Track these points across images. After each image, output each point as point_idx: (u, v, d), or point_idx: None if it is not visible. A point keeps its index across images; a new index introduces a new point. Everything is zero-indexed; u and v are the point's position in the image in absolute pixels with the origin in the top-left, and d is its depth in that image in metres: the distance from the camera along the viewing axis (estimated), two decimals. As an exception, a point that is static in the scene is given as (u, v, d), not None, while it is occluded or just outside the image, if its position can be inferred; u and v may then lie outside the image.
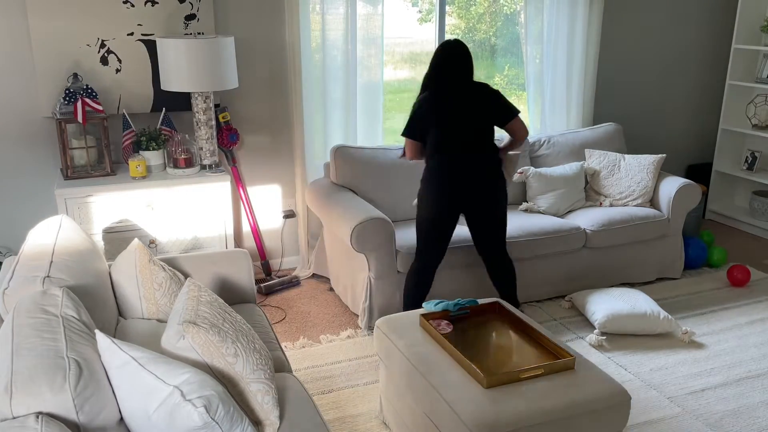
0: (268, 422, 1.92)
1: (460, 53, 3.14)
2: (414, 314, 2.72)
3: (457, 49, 3.15)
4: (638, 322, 3.45)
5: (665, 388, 3.06)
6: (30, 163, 3.67)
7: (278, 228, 4.33)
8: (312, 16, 3.95)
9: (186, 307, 1.99)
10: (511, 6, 4.67)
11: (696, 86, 5.38)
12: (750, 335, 3.55)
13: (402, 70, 4.81)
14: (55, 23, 3.50)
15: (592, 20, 4.60)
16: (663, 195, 4.10)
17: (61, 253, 2.22)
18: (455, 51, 3.15)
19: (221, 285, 2.80)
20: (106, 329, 2.21)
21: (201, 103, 3.60)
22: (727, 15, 5.28)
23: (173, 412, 1.62)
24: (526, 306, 3.86)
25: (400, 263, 3.48)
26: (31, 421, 1.49)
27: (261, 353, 1.99)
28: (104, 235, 3.44)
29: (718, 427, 2.80)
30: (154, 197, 3.48)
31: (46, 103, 3.58)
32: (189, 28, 3.76)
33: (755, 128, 5.11)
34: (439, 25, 4.40)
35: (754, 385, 3.10)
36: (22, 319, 1.80)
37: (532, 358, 2.41)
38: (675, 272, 4.21)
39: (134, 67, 3.70)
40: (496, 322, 2.69)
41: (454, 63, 3.14)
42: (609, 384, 2.28)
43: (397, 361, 2.51)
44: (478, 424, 2.07)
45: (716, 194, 5.40)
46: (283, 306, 3.89)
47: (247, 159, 4.12)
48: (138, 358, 1.69)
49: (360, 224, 3.35)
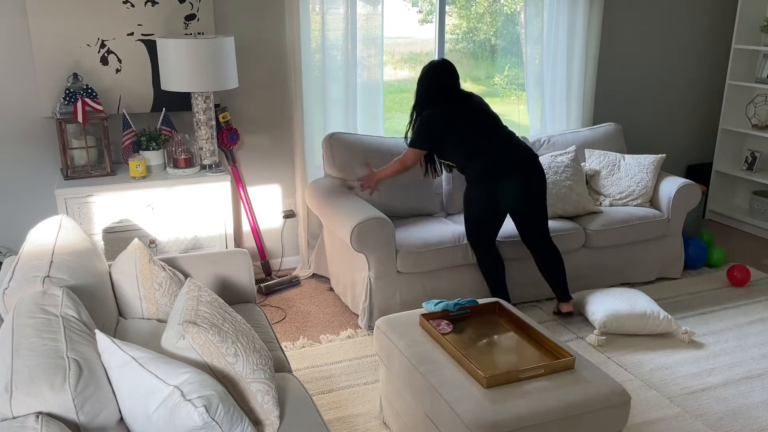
0: (268, 422, 1.92)
1: (452, 68, 3.39)
2: (414, 314, 2.72)
3: (448, 65, 3.38)
4: (638, 322, 3.45)
5: (665, 388, 3.06)
6: (30, 163, 3.67)
7: (278, 228, 4.33)
8: (312, 16, 3.95)
9: (186, 307, 1.99)
10: (511, 6, 4.67)
11: (696, 86, 5.38)
12: (750, 335, 3.55)
13: (402, 70, 4.81)
14: (55, 23, 3.50)
15: (592, 20, 4.60)
16: (663, 195, 4.10)
17: (61, 253, 2.22)
18: (448, 66, 3.38)
19: (221, 285, 2.80)
20: (106, 329, 2.21)
21: (201, 103, 3.60)
22: (727, 15, 5.28)
23: (173, 412, 1.62)
24: (526, 306, 3.87)
25: (400, 263, 3.48)
26: (31, 421, 1.49)
27: (261, 353, 1.99)
28: (104, 235, 3.44)
29: (718, 427, 2.80)
30: (154, 197, 3.48)
31: (46, 103, 3.58)
32: (189, 28, 3.76)
33: (755, 128, 5.11)
34: (439, 25, 4.40)
35: (754, 385, 3.10)
36: (22, 319, 1.80)
37: (532, 358, 2.41)
38: (675, 272, 4.21)
39: (134, 67, 3.70)
40: (496, 322, 2.69)
41: (454, 76, 3.38)
42: (609, 384, 2.28)
43: (397, 361, 2.51)
44: (478, 424, 2.07)
45: (716, 194, 5.40)
46: (283, 306, 3.89)
47: (247, 159, 4.12)
48: (138, 358, 1.69)
49: (360, 224, 3.35)
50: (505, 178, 3.33)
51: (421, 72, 3.42)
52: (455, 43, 4.71)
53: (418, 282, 3.56)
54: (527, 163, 3.37)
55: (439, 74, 3.37)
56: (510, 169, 3.33)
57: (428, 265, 3.53)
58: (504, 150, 3.34)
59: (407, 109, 3.49)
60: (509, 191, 3.35)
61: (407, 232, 3.67)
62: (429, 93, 3.39)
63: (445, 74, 3.37)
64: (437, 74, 3.37)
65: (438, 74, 3.37)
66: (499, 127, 3.39)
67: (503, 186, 3.34)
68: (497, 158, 3.33)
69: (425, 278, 3.58)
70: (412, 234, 3.63)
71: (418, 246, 3.50)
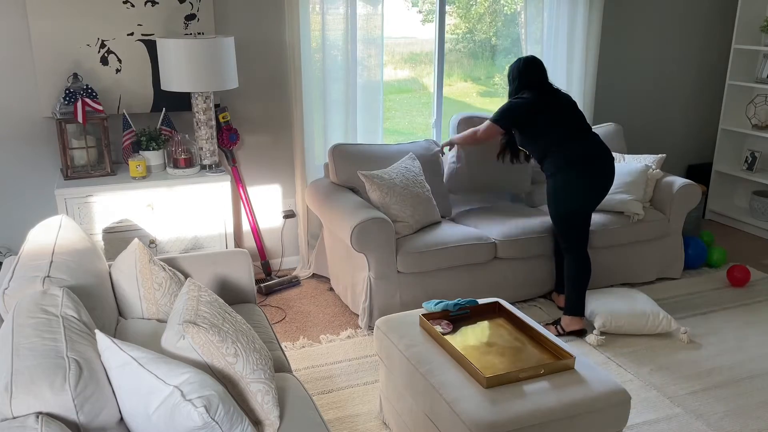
0: (268, 422, 1.92)
1: (539, 63, 3.50)
2: (414, 314, 2.72)
3: (536, 60, 3.50)
4: (638, 322, 3.45)
5: (665, 388, 3.06)
6: (30, 163, 3.67)
7: (278, 228, 4.33)
8: (312, 16, 3.95)
9: (186, 307, 1.99)
10: (511, 6, 4.67)
11: (696, 86, 5.38)
12: (750, 335, 3.54)
13: (402, 70, 4.82)
14: (55, 23, 3.50)
15: (592, 20, 4.60)
16: (663, 195, 4.10)
17: (61, 253, 2.22)
18: (534, 61, 3.49)
19: (221, 285, 2.80)
20: (106, 329, 2.21)
21: (201, 103, 3.61)
22: (727, 15, 5.28)
23: (173, 412, 1.62)
24: (526, 306, 3.86)
25: (400, 263, 3.48)
26: (31, 421, 1.49)
27: (261, 353, 1.99)
28: (104, 235, 3.44)
29: (718, 427, 2.80)
30: (154, 197, 3.48)
31: (46, 103, 3.58)
32: (189, 28, 3.76)
33: (755, 128, 5.11)
34: (439, 25, 4.40)
35: (754, 385, 3.10)
36: (22, 319, 1.80)
37: (532, 358, 2.41)
38: (675, 272, 4.21)
39: (134, 67, 3.70)
40: (496, 322, 2.69)
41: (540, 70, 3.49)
42: (609, 384, 2.28)
43: (397, 361, 2.51)
44: (478, 424, 2.08)
45: (716, 194, 5.40)
46: (283, 306, 3.89)
47: (247, 159, 4.12)
48: (138, 358, 1.69)
49: (360, 224, 3.35)
50: (587, 169, 3.34)
51: (510, 67, 3.55)
52: (455, 43, 4.72)
53: (418, 282, 3.56)
54: (608, 162, 3.39)
55: (527, 68, 3.47)
56: (591, 163, 3.34)
57: (428, 265, 3.53)
58: (587, 144, 3.37)
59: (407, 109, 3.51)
60: (587, 184, 3.36)
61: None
62: (518, 86, 3.49)
63: (532, 68, 3.47)
64: (524, 68, 3.47)
65: (525, 68, 3.47)
66: (583, 123, 3.43)
67: (584, 175, 3.34)
68: (580, 150, 3.34)
69: (425, 278, 3.58)
70: (412, 234, 3.62)
71: (418, 246, 3.50)
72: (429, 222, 3.74)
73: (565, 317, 3.47)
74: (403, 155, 3.94)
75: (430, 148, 4.06)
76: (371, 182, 3.59)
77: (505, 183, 4.18)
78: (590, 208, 3.41)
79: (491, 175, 4.13)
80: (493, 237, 3.71)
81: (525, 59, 3.50)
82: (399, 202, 3.59)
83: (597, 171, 3.35)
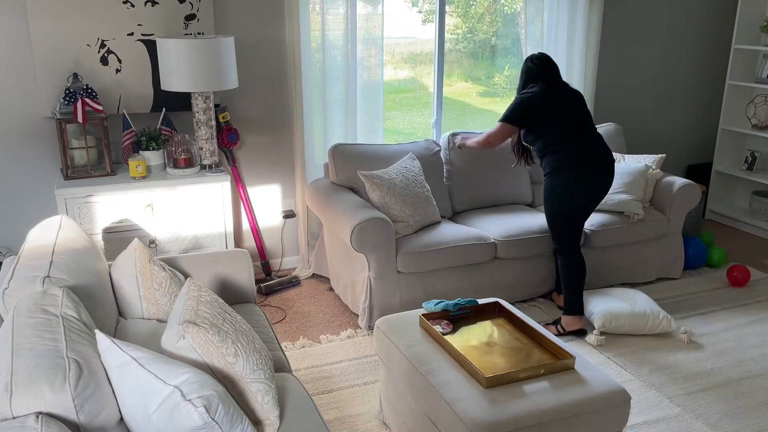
0: (268, 422, 1.92)
1: (550, 60, 3.44)
2: (414, 314, 2.72)
3: (546, 57, 3.44)
4: (638, 322, 3.45)
5: (665, 388, 3.06)
6: (30, 163, 3.67)
7: (278, 228, 4.33)
8: (312, 16, 3.95)
9: (186, 307, 1.99)
10: (511, 6, 4.67)
11: (696, 86, 5.38)
12: (750, 335, 3.55)
13: (402, 70, 4.81)
14: (55, 23, 3.50)
15: (592, 20, 4.60)
16: (663, 195, 4.10)
17: (61, 253, 2.22)
18: (545, 58, 3.43)
19: (221, 285, 2.80)
20: (106, 329, 2.21)
21: (201, 103, 3.61)
22: (727, 15, 5.28)
23: (173, 412, 1.62)
24: (525, 306, 3.86)
25: (400, 263, 3.48)
26: (31, 421, 1.49)
27: (261, 353, 1.99)
28: (104, 235, 3.44)
29: (718, 427, 2.80)
30: (154, 197, 3.48)
31: (46, 103, 3.58)
32: (189, 28, 3.76)
33: (755, 128, 5.11)
34: (439, 25, 4.40)
35: (754, 385, 3.10)
36: (22, 319, 1.80)
37: (532, 358, 2.41)
38: (675, 272, 4.21)
39: (134, 67, 3.70)
40: (496, 322, 2.69)
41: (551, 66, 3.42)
42: (609, 384, 2.28)
43: (397, 361, 2.51)
44: (478, 424, 2.07)
45: (716, 194, 5.40)
46: (283, 306, 3.89)
47: (247, 159, 4.12)
48: (138, 358, 1.69)
49: (360, 224, 3.35)
50: (584, 170, 3.32)
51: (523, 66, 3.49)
52: (455, 43, 4.71)
53: (418, 282, 3.56)
54: (606, 164, 3.36)
55: (539, 64, 3.41)
56: (589, 164, 3.32)
57: (428, 265, 3.53)
58: (587, 144, 3.34)
59: (408, 109, 3.50)
60: (586, 185, 3.33)
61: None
62: (527, 81, 3.44)
63: (543, 64, 3.41)
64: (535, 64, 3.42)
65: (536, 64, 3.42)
66: (588, 122, 3.39)
67: (581, 176, 3.32)
68: (579, 150, 3.31)
69: (425, 278, 3.58)
70: (412, 234, 3.63)
71: (418, 246, 3.50)
72: (429, 222, 3.75)
73: (565, 317, 3.47)
74: (403, 155, 3.95)
75: (430, 148, 4.06)
76: (371, 182, 3.59)
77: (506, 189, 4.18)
78: (584, 211, 3.38)
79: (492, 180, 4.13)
80: (492, 237, 3.71)
81: (537, 56, 3.45)
82: (399, 202, 3.59)
83: (594, 173, 3.33)
